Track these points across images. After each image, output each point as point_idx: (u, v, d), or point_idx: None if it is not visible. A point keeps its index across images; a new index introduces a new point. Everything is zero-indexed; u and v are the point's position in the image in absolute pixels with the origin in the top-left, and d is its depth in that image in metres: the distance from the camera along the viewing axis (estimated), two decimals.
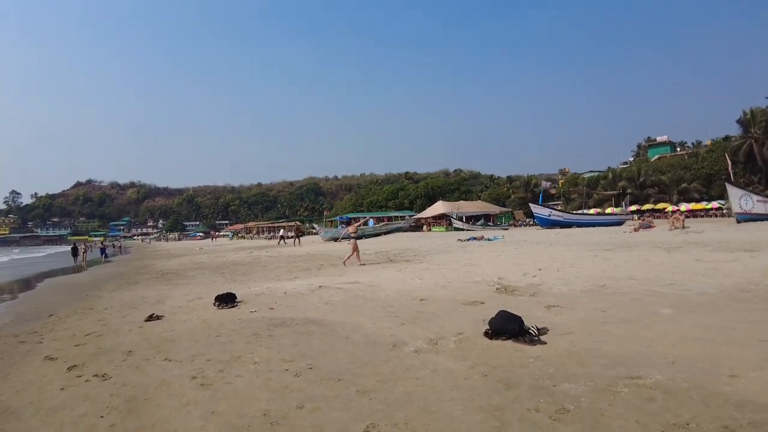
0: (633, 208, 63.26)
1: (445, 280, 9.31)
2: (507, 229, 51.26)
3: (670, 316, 5.79)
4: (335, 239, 37.82)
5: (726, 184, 29.52)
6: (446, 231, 50.98)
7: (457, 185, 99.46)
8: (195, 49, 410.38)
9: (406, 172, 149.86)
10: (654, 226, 24.05)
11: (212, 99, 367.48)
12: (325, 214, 72.53)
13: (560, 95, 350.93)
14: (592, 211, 64.21)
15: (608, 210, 64.76)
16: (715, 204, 58.98)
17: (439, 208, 62.24)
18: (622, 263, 10.78)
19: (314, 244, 35.73)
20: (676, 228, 21.81)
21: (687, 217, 49.93)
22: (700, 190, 64.55)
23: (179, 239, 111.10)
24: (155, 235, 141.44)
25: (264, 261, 19.72)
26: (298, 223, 63.73)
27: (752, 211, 25.80)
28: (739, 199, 25.98)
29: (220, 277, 13.62)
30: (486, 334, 5.33)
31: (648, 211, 60.85)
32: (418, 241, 29.82)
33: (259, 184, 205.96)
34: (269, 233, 75.79)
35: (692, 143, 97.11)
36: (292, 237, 37.20)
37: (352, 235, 15.45)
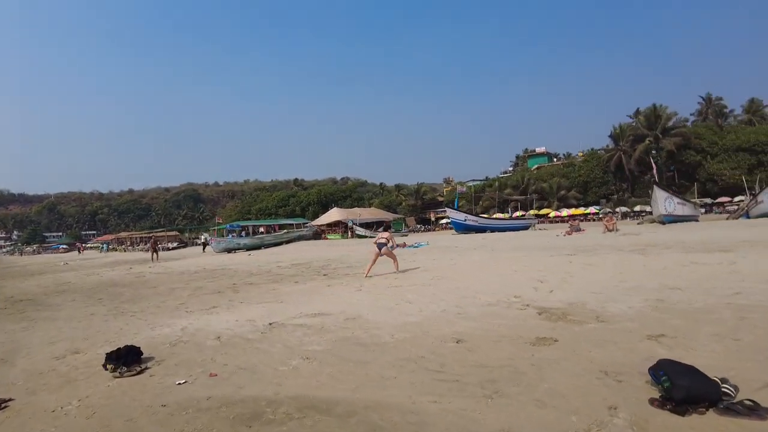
0: (520, 213, 66.73)
1: (448, 305, 6.78)
2: (407, 235, 51.08)
3: None
4: (229, 251, 33.62)
5: (654, 186, 30.55)
6: (342, 238, 49.11)
7: (349, 192, 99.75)
8: (59, 43, 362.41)
9: (296, 179, 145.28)
10: (584, 230, 24.21)
11: (77, 98, 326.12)
12: (217, 220, 66.40)
13: (442, 111, 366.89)
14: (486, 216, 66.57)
15: (495, 215, 68.24)
16: (592, 209, 64.35)
17: (334, 215, 60.58)
18: (620, 270, 9.25)
19: (203, 256, 30.99)
20: (609, 231, 21.90)
21: (567, 221, 53.57)
22: (578, 197, 70.10)
23: (38, 252, 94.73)
24: (8, 248, 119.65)
25: (152, 280, 15.58)
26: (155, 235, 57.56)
27: (674, 213, 27.17)
28: (665, 201, 27.20)
29: (99, 307, 9.70)
30: (667, 404, 3.06)
31: (537, 215, 64.30)
32: (331, 250, 26.98)
33: (131, 191, 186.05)
34: (145, 244, 67.37)
35: (563, 154, 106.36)
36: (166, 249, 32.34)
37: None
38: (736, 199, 49.87)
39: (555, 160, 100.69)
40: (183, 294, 10.83)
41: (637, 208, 58.29)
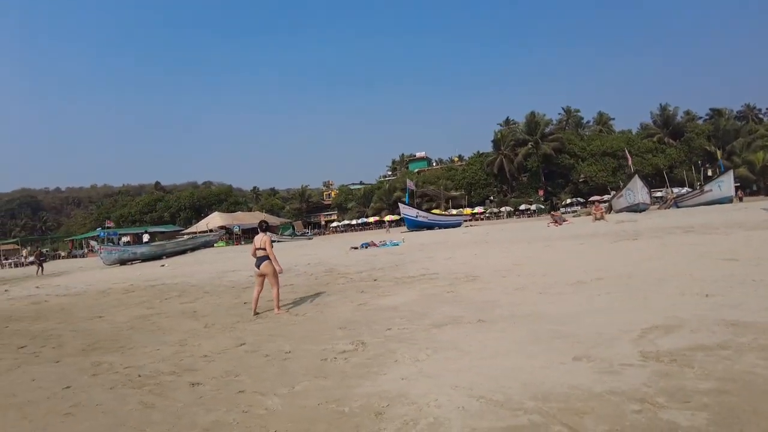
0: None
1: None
2: (311, 239, 48.92)
3: None
4: (123, 262, 27.51)
5: (636, 176, 31.38)
6: (227, 245, 45.68)
7: (224, 196, 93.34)
8: None
9: (157, 182, 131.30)
10: (569, 221, 24.13)
11: None
12: (107, 224, 57.08)
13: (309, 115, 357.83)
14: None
15: (386, 218, 69.58)
16: (478, 209, 67.56)
17: (217, 220, 55.92)
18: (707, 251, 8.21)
19: (101, 270, 24.13)
20: (598, 219, 21.82)
21: (470, 220, 55.61)
22: (464, 198, 73.19)
23: None
24: None
25: (72, 305, 11.04)
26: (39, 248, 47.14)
27: (646, 202, 28.94)
28: (641, 189, 28.52)
29: (36, 366, 5.75)
30: None
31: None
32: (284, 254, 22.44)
33: None
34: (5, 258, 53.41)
35: (437, 159, 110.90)
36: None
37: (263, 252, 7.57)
38: (606, 197, 56.06)
39: (434, 164, 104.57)
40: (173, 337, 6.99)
41: (522, 207, 62.64)
